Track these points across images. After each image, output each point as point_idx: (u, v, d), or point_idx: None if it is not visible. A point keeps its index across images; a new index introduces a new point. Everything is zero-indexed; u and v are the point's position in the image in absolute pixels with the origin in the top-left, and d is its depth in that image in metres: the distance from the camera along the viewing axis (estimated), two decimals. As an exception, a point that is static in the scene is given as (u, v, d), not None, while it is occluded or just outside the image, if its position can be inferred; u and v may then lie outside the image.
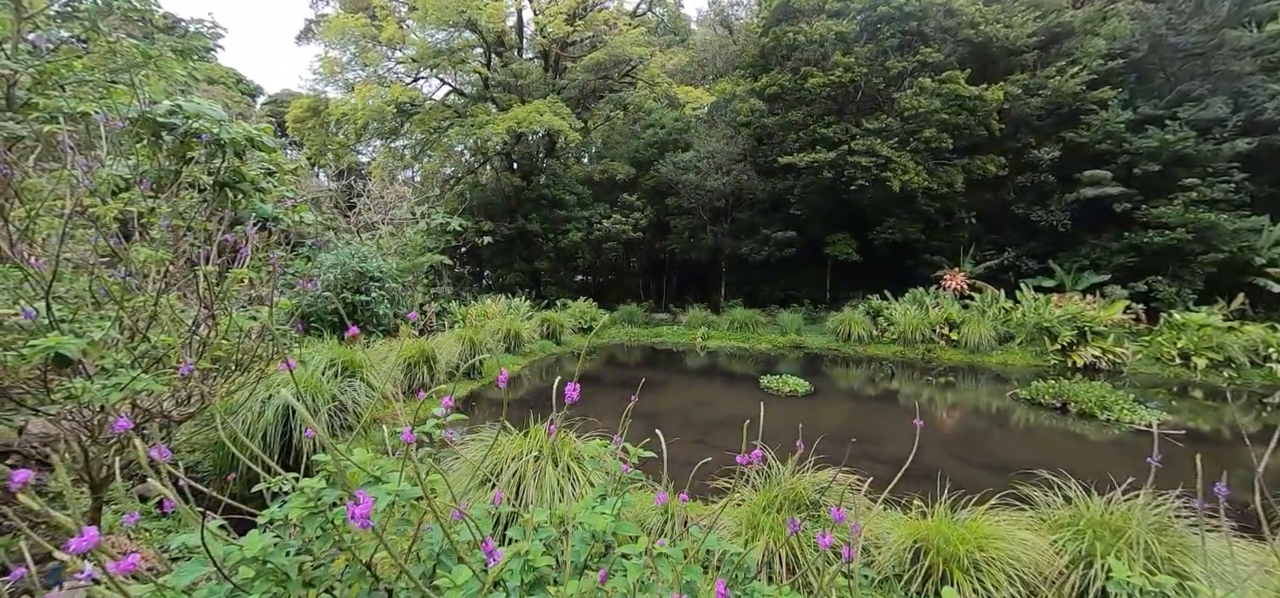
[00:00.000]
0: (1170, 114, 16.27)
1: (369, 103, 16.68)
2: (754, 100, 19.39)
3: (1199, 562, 3.57)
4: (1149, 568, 3.56)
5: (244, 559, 1.34)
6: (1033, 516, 4.30)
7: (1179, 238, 15.51)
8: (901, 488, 4.23)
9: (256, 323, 3.15)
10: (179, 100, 9.20)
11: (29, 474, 1.02)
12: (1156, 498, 4.05)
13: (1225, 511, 2.18)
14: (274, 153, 11.67)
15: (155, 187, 9.50)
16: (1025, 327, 15.28)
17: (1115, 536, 3.75)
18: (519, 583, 1.31)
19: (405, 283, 14.61)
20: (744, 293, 21.19)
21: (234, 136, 10.19)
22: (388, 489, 1.45)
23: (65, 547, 0.97)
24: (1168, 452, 7.65)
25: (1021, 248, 18.55)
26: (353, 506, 1.01)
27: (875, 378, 13.30)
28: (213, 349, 3.00)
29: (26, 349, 2.18)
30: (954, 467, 7.08)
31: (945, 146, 16.96)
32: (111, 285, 2.82)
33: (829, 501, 4.34)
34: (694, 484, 4.80)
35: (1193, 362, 13.46)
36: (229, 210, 7.81)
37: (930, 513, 4.19)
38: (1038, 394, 10.68)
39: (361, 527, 1.01)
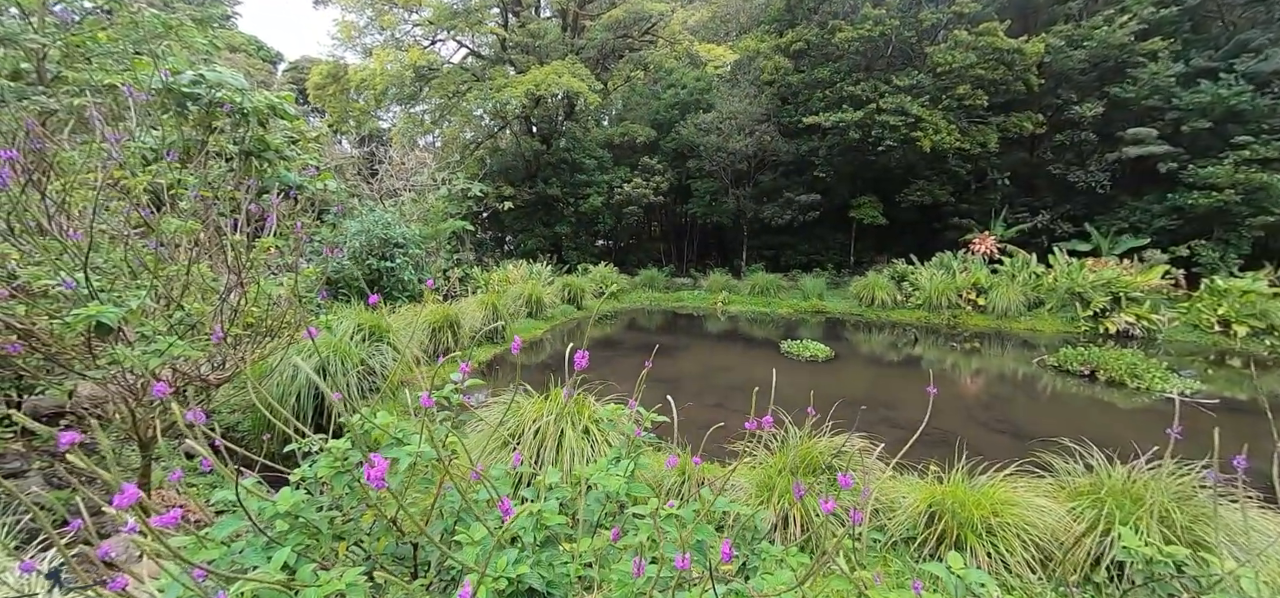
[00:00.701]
0: (1226, 66, 15.27)
1: (387, 68, 16.64)
2: (779, 57, 18.78)
3: (1222, 533, 3.52)
4: (1167, 537, 3.53)
5: (278, 515, 1.43)
6: (1052, 482, 4.27)
7: (1227, 199, 14.75)
8: (921, 454, 4.25)
9: (283, 290, 3.25)
10: (201, 70, 9.33)
11: (76, 436, 1.09)
12: (1181, 468, 3.99)
13: (1253, 483, 2.14)
14: (297, 120, 11.77)
15: (183, 157, 9.73)
16: (1056, 292, 14.86)
17: (1135, 504, 3.71)
18: (532, 540, 1.37)
19: (428, 249, 14.83)
20: (766, 257, 20.97)
21: (257, 105, 10.33)
22: (408, 451, 1.52)
23: (110, 503, 1.05)
24: (1200, 422, 7.51)
25: (1056, 211, 17.88)
26: (370, 468, 1.07)
27: (898, 344, 13.15)
28: (244, 316, 3.11)
29: (71, 318, 2.30)
30: (975, 433, 7.03)
31: (980, 104, 16.26)
32: (145, 256, 2.93)
33: (843, 465, 4.38)
34: (712, 447, 4.88)
35: (1233, 330, 12.99)
36: (254, 179, 7.96)
37: (946, 478, 4.20)
38: (1065, 361, 10.46)
39: (377, 488, 1.07)
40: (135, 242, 3.14)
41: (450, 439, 1.86)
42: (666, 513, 1.44)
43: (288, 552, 1.24)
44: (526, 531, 1.37)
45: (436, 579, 1.60)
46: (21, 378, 3.32)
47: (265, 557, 1.25)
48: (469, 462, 1.78)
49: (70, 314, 2.32)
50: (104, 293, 2.37)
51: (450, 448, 1.83)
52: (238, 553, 1.29)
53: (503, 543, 1.25)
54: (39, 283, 2.55)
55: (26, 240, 2.67)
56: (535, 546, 1.35)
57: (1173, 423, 2.85)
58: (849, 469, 4.27)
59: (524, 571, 1.24)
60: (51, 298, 2.59)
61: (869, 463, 4.36)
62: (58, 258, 2.59)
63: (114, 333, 2.27)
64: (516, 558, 1.28)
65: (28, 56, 7.14)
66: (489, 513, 1.59)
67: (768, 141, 18.89)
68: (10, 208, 2.61)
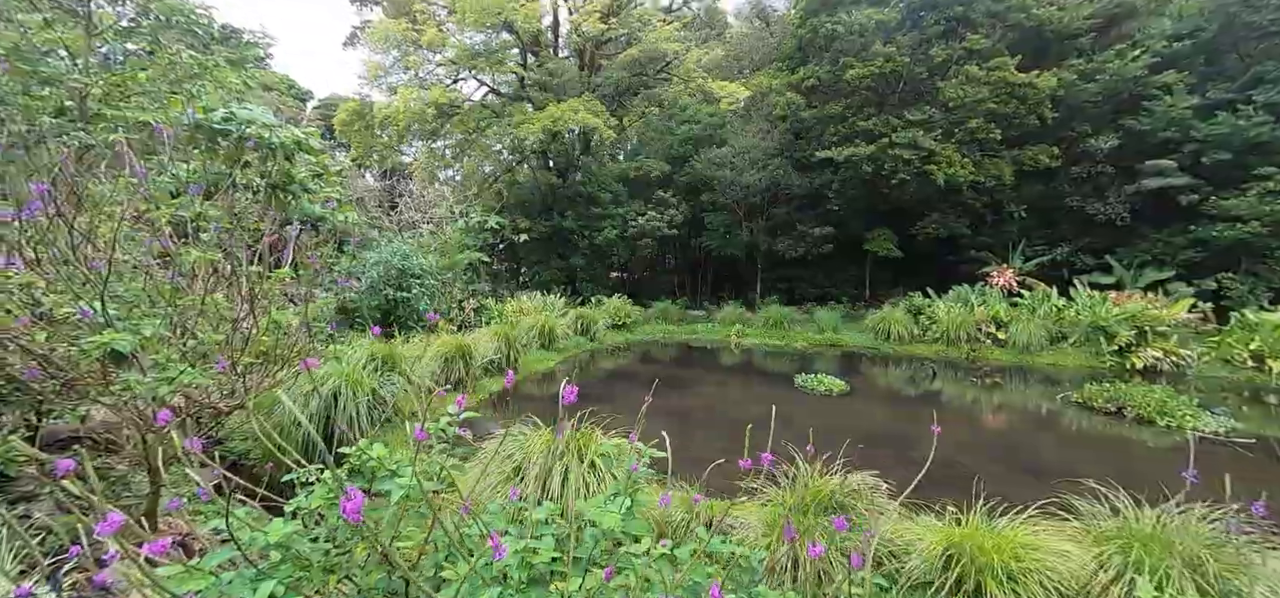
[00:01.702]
0: (1244, 98, 15.10)
1: (410, 105, 17.19)
2: (791, 93, 19.03)
3: (1261, 582, 3.35)
4: (1202, 587, 3.35)
5: (269, 545, 1.42)
6: (1077, 526, 4.10)
7: (1253, 231, 14.40)
8: (940, 493, 4.12)
9: (294, 319, 3.32)
10: (233, 108, 9.72)
11: (71, 464, 1.11)
12: (1211, 512, 3.82)
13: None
14: (321, 155, 12.14)
15: (208, 191, 10.07)
16: (1079, 326, 14.52)
17: (1164, 551, 3.54)
18: (518, 578, 1.35)
19: (444, 280, 15.04)
20: (781, 290, 20.87)
21: (283, 141, 10.67)
22: (401, 483, 1.52)
23: (97, 530, 1.06)
24: (1237, 465, 7.19)
25: (1076, 243, 17.60)
26: (345, 501, 1.07)
27: (916, 378, 12.91)
28: (255, 345, 3.17)
29: (87, 344, 2.37)
30: (997, 472, 6.81)
31: (993, 137, 16.23)
32: (163, 286, 3.01)
33: (856, 504, 4.26)
34: (722, 483, 4.79)
35: (1267, 365, 12.55)
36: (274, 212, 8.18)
37: (965, 519, 4.06)
38: (1090, 398, 10.15)
39: (353, 520, 1.07)
40: (156, 272, 3.23)
41: (446, 473, 1.85)
42: (660, 553, 1.41)
43: (274, 584, 1.23)
44: (514, 569, 1.35)
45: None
46: (42, 403, 3.40)
47: (252, 588, 1.25)
48: (462, 496, 1.77)
49: (86, 340, 2.38)
50: (121, 321, 2.43)
51: (447, 481, 1.82)
52: (226, 585, 1.29)
53: (486, 580, 1.23)
54: (61, 311, 2.63)
55: (53, 270, 2.77)
56: (520, 584, 1.33)
57: (1189, 464, 2.73)
58: (860, 508, 4.16)
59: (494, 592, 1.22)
60: (72, 325, 2.66)
61: (880, 501, 4.23)
62: (81, 287, 2.67)
63: (127, 359, 2.33)
64: (500, 595, 1.26)
65: (71, 95, 7.53)
66: (481, 548, 1.57)
67: (780, 176, 19.00)
68: (38, 239, 2.72)
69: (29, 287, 2.80)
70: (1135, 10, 17.11)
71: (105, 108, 6.82)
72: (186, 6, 7.89)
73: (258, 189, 11.80)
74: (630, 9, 19.43)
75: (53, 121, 6.23)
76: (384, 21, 18.46)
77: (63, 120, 7.16)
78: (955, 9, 16.27)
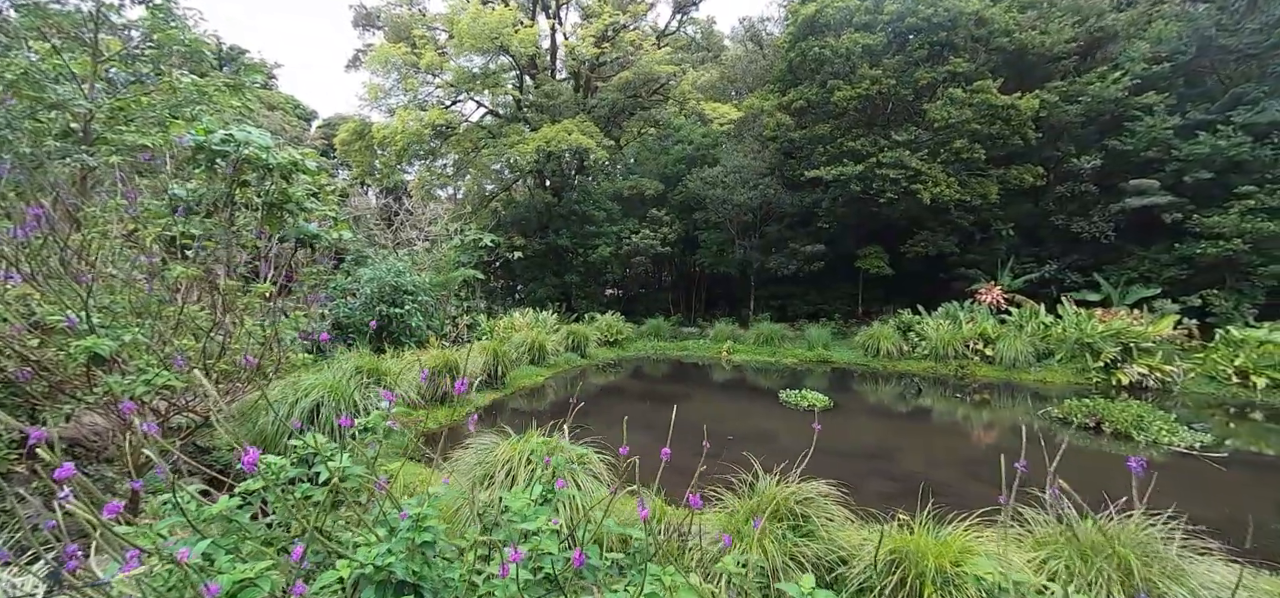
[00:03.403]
0: (1223, 119, 15.41)
1: (408, 126, 17.63)
2: (780, 115, 19.44)
3: (1184, 585, 3.52)
4: (1128, 590, 3.53)
5: (212, 517, 1.64)
6: (1020, 532, 4.27)
7: (1235, 248, 14.61)
8: (906, 504, 4.30)
9: (270, 332, 3.55)
10: (232, 130, 10.08)
11: (70, 468, 1.33)
12: (1148, 520, 4.00)
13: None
14: (317, 175, 12.52)
15: (210, 208, 10.36)
16: (1065, 343, 14.67)
17: (1096, 555, 3.72)
18: (410, 539, 1.54)
19: (439, 297, 15.30)
20: (774, 307, 21.08)
21: (280, 161, 11.05)
22: (330, 467, 1.73)
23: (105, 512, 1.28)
24: (1209, 477, 7.33)
25: (1064, 261, 17.82)
26: (244, 454, 1.29)
27: (902, 394, 13.05)
28: (233, 353, 3.40)
29: (73, 349, 2.61)
30: (966, 484, 6.96)
31: (977, 157, 16.55)
32: (148, 299, 3.25)
33: (809, 511, 4.44)
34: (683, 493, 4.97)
35: (1252, 380, 12.66)
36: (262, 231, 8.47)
37: (914, 527, 4.23)
38: (1071, 413, 10.29)
39: (247, 469, 1.29)
40: (142, 285, 3.47)
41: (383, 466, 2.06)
42: (551, 529, 1.61)
43: (207, 544, 1.45)
44: (403, 534, 1.55)
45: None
46: (35, 407, 3.64)
47: (191, 545, 1.46)
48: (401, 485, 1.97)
49: (72, 345, 2.62)
50: (104, 328, 2.67)
51: (382, 470, 2.03)
52: (171, 545, 1.50)
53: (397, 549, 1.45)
54: (51, 320, 2.87)
55: (48, 283, 3.02)
56: (412, 545, 1.53)
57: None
58: (812, 515, 4.34)
59: (390, 561, 1.43)
60: (62, 333, 2.91)
61: (832, 509, 4.41)
62: (70, 298, 2.92)
63: (109, 363, 2.56)
64: (387, 550, 1.47)
65: (76, 119, 7.87)
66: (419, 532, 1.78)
67: (772, 194, 19.33)
68: (32, 255, 2.98)
69: (25, 298, 3.05)
70: (1116, 34, 17.52)
71: (108, 132, 7.15)
72: (188, 35, 8.27)
73: (256, 207, 12.13)
74: (623, 34, 19.95)
75: (57, 145, 6.54)
76: (385, 45, 19.00)
77: (68, 143, 7.48)
78: (939, 34, 16.69)
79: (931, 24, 16.55)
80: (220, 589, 1.36)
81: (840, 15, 17.84)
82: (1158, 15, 17.42)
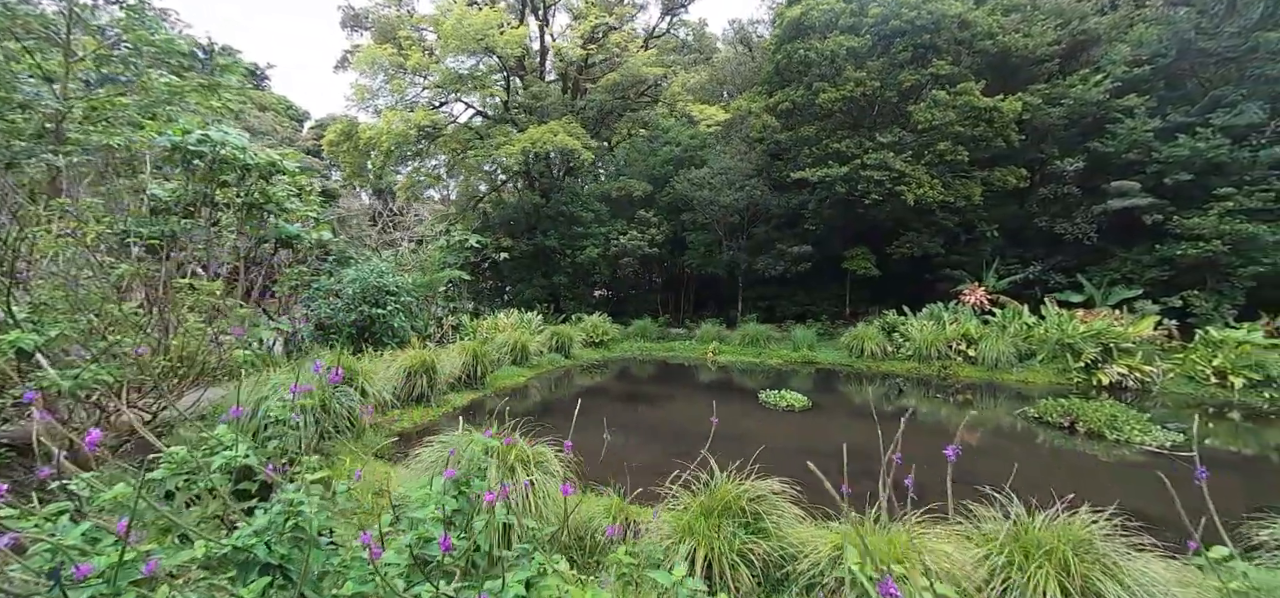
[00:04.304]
0: (1203, 121, 15.55)
1: (394, 127, 17.63)
2: (767, 116, 19.51)
3: (1117, 580, 3.57)
4: (1063, 586, 3.57)
5: (104, 503, 1.66)
6: (966, 529, 4.32)
7: (1214, 250, 14.74)
8: (871, 502, 4.34)
9: (211, 331, 3.56)
10: (209, 130, 10.05)
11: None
12: (1090, 516, 4.06)
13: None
14: (296, 176, 12.48)
15: (187, 208, 10.32)
16: (1047, 343, 14.75)
17: (1037, 551, 3.77)
18: (280, 525, 1.57)
19: (424, 298, 15.29)
20: (762, 308, 21.14)
21: (259, 162, 11.01)
22: (226, 457, 1.76)
23: None
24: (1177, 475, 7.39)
25: (1048, 262, 17.94)
26: (87, 435, 1.32)
27: (885, 395, 13.12)
28: (177, 350, 3.40)
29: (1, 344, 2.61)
30: (934, 483, 7.00)
31: (961, 159, 16.64)
32: (91, 294, 3.26)
33: (761, 508, 4.48)
34: (650, 491, 5.01)
35: (1230, 381, 12.76)
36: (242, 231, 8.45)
37: (864, 524, 4.27)
38: (1046, 413, 10.36)
39: (89, 449, 1.31)
40: (88, 282, 3.48)
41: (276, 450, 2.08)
42: (436, 518, 1.64)
43: (88, 526, 1.47)
44: (278, 521, 1.59)
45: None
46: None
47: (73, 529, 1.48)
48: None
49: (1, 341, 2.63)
50: (32, 323, 2.68)
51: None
52: (60, 529, 1.52)
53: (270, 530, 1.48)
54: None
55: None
56: (282, 529, 1.56)
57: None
58: (762, 512, 4.37)
59: (252, 543, 1.46)
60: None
61: (783, 506, 4.45)
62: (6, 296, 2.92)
63: (30, 357, 2.57)
64: (252, 532, 1.50)
65: (48, 119, 7.84)
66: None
67: (758, 196, 19.39)
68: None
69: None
70: (1098, 37, 17.66)
71: (77, 133, 7.12)
72: (160, 35, 8.25)
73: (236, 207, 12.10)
74: (609, 36, 19.99)
75: (23, 145, 6.52)
76: (371, 47, 19.00)
77: (37, 143, 7.44)
78: (923, 36, 16.80)
79: (915, 26, 16.65)
80: (92, 569, 1.39)
81: (825, 18, 17.93)
82: (1139, 18, 17.57)
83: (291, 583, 1.50)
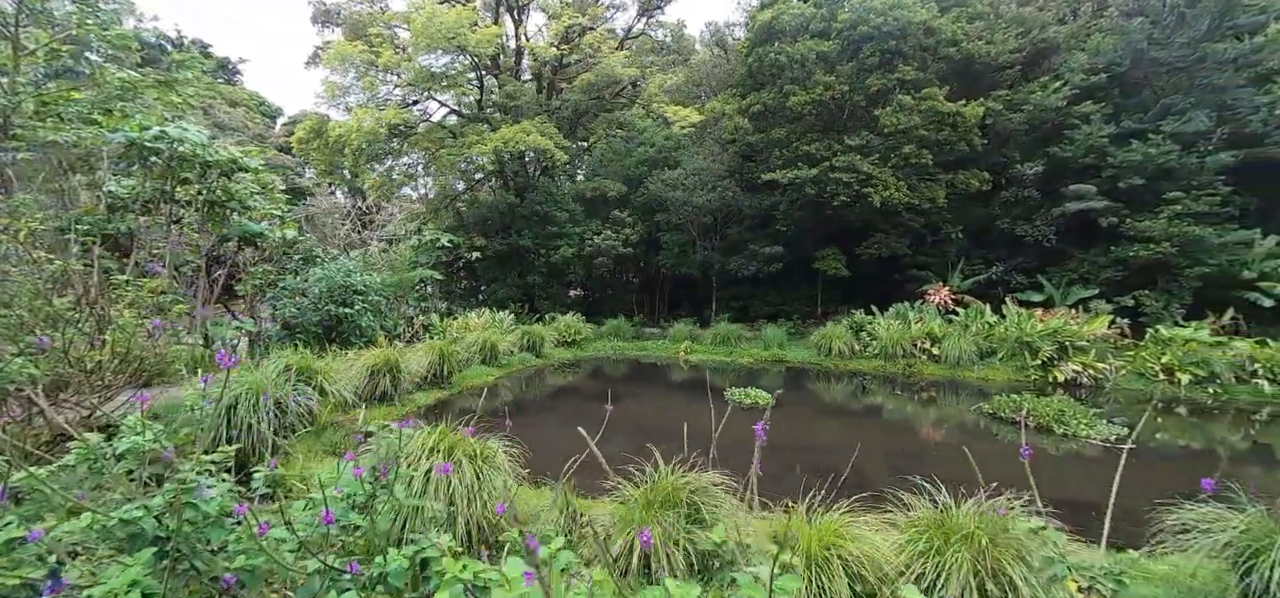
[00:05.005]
0: (1154, 128, 16.18)
1: (364, 125, 17.48)
2: (739, 118, 19.76)
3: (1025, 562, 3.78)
4: (976, 568, 3.76)
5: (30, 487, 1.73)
6: (894, 516, 4.50)
7: (1164, 252, 15.34)
8: (819, 493, 4.51)
9: (144, 327, 3.58)
10: (167, 126, 9.91)
11: None
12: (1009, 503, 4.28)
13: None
14: (261, 173, 12.32)
15: (145, 205, 10.17)
16: (1007, 342, 15.19)
17: (955, 536, 3.96)
18: (163, 501, 1.66)
19: (394, 297, 15.19)
20: (735, 307, 21.37)
21: (219, 159, 10.88)
22: (133, 442, 1.83)
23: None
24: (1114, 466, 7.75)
25: (1010, 263, 18.48)
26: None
27: (847, 392, 13.40)
28: (113, 345, 3.42)
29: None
30: (880, 476, 7.23)
31: (925, 162, 17.07)
32: (21, 291, 3.27)
33: (701, 500, 4.62)
34: (601, 485, 5.13)
35: (1177, 377, 13.27)
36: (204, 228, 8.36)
37: (798, 513, 4.44)
38: (999, 408, 10.72)
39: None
40: (19, 280, 3.47)
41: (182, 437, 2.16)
42: (338, 498, 1.74)
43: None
44: (165, 495, 1.68)
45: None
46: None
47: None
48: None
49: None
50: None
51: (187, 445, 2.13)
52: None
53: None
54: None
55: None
56: (171, 507, 1.64)
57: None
58: (698, 503, 4.51)
59: (136, 515, 1.54)
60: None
61: (721, 497, 4.60)
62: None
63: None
64: (141, 506, 1.59)
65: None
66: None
67: (730, 197, 19.63)
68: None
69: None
70: (1058, 46, 18.25)
71: (24, 128, 6.99)
72: (113, 31, 8.14)
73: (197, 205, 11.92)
74: (583, 36, 20.06)
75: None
76: (342, 43, 18.81)
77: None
78: (890, 42, 17.18)
79: (882, 32, 17.03)
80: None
81: (796, 22, 18.23)
82: (1096, 28, 18.19)
83: (184, 557, 1.59)
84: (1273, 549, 3.74)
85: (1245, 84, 15.95)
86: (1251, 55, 15.74)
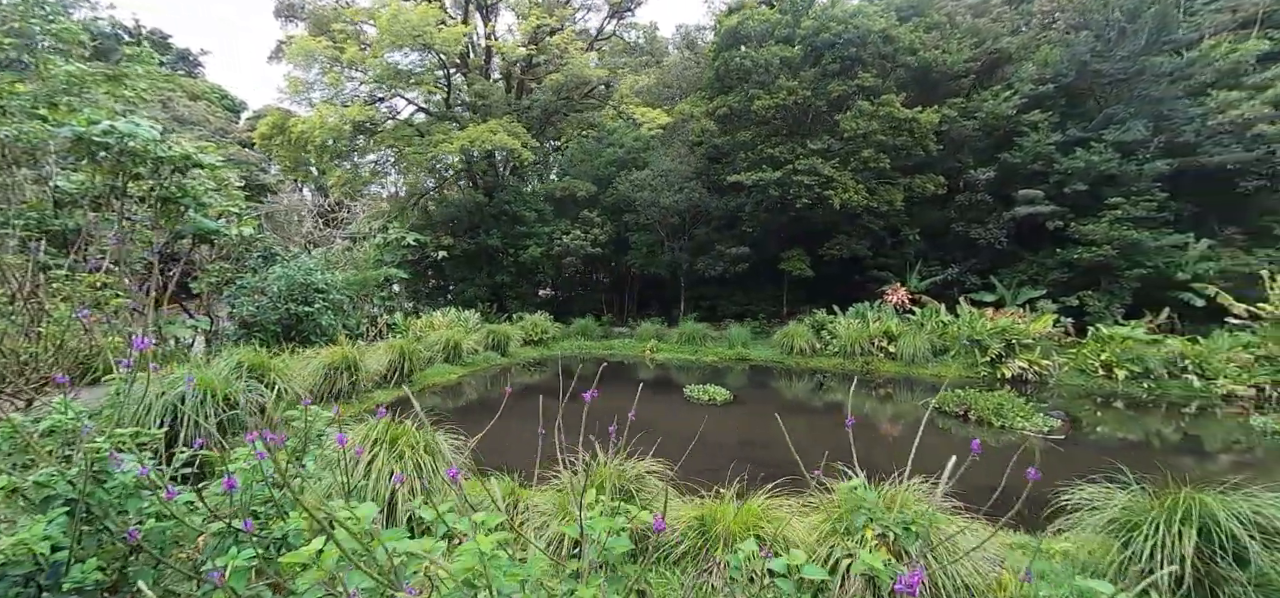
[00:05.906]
0: (1097, 136, 17.02)
1: (327, 121, 17.29)
2: (706, 121, 20.11)
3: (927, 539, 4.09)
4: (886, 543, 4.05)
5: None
6: (814, 500, 4.79)
7: (1105, 254, 16.15)
8: (758, 482, 4.77)
9: (87, 318, 3.64)
10: (116, 121, 9.76)
11: None
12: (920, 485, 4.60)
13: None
14: (217, 169, 12.17)
15: (95, 201, 10.00)
16: (959, 340, 15.81)
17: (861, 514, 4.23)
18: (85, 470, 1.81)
19: (355, 296, 15.08)
20: (703, 307, 21.71)
21: (172, 155, 10.74)
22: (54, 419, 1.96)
23: None
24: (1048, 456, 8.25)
25: (965, 264, 19.19)
26: None
27: (806, 389, 13.79)
28: (49, 338, 3.48)
29: None
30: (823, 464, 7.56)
31: (883, 166, 17.65)
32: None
33: (636, 488, 4.85)
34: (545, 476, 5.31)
35: (1115, 373, 13.96)
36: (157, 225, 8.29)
37: (721, 498, 4.72)
38: (944, 403, 11.19)
39: None
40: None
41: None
42: (247, 470, 1.90)
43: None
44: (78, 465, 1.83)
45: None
46: None
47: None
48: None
49: None
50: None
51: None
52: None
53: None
54: None
55: None
56: (90, 476, 1.79)
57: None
58: (633, 490, 4.74)
59: (51, 478, 1.69)
60: None
61: (656, 484, 4.83)
62: None
63: None
64: (56, 472, 1.73)
65: (-68, 107, 7.48)
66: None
67: (697, 198, 19.96)
68: None
69: None
70: (1010, 56, 19.04)
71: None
72: (57, 25, 8.00)
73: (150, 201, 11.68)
74: (551, 37, 20.17)
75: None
76: (305, 38, 18.55)
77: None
78: (850, 49, 17.71)
79: (843, 40, 17.55)
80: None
81: (761, 28, 18.65)
82: (1045, 40, 19.03)
83: (96, 518, 1.74)
84: (1144, 523, 4.12)
85: (1181, 96, 16.89)
86: (1186, 69, 16.68)
